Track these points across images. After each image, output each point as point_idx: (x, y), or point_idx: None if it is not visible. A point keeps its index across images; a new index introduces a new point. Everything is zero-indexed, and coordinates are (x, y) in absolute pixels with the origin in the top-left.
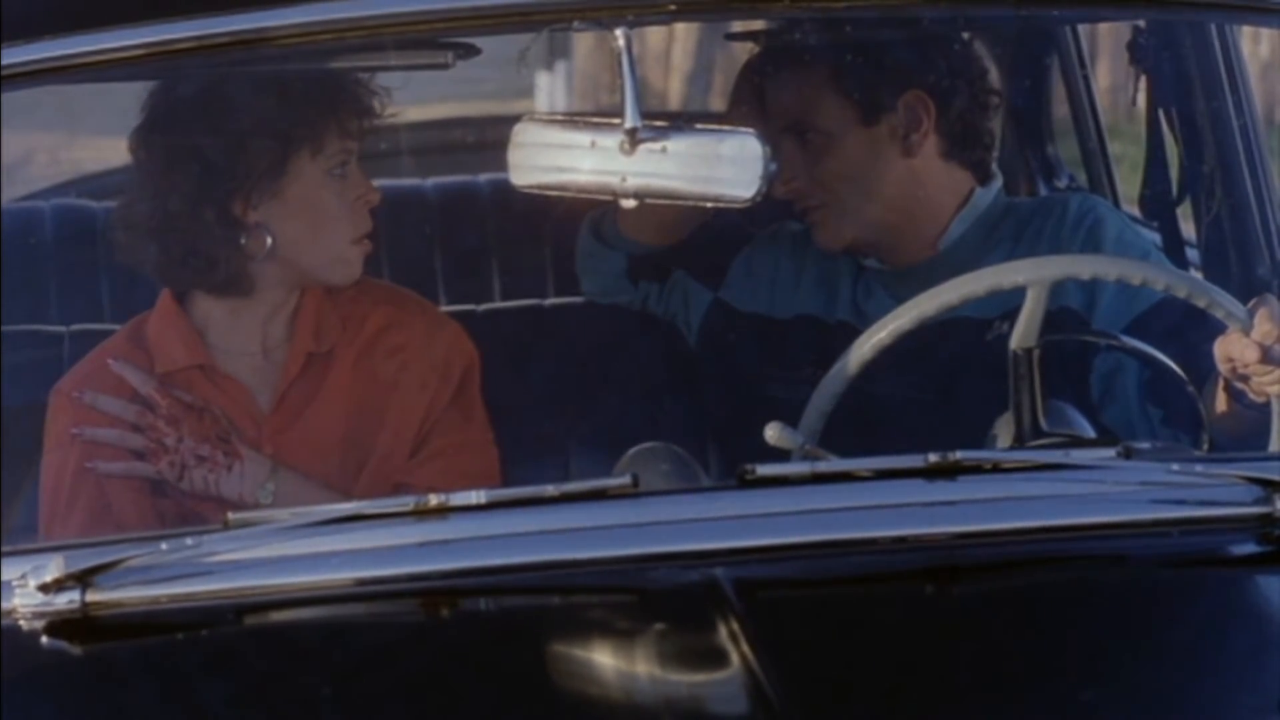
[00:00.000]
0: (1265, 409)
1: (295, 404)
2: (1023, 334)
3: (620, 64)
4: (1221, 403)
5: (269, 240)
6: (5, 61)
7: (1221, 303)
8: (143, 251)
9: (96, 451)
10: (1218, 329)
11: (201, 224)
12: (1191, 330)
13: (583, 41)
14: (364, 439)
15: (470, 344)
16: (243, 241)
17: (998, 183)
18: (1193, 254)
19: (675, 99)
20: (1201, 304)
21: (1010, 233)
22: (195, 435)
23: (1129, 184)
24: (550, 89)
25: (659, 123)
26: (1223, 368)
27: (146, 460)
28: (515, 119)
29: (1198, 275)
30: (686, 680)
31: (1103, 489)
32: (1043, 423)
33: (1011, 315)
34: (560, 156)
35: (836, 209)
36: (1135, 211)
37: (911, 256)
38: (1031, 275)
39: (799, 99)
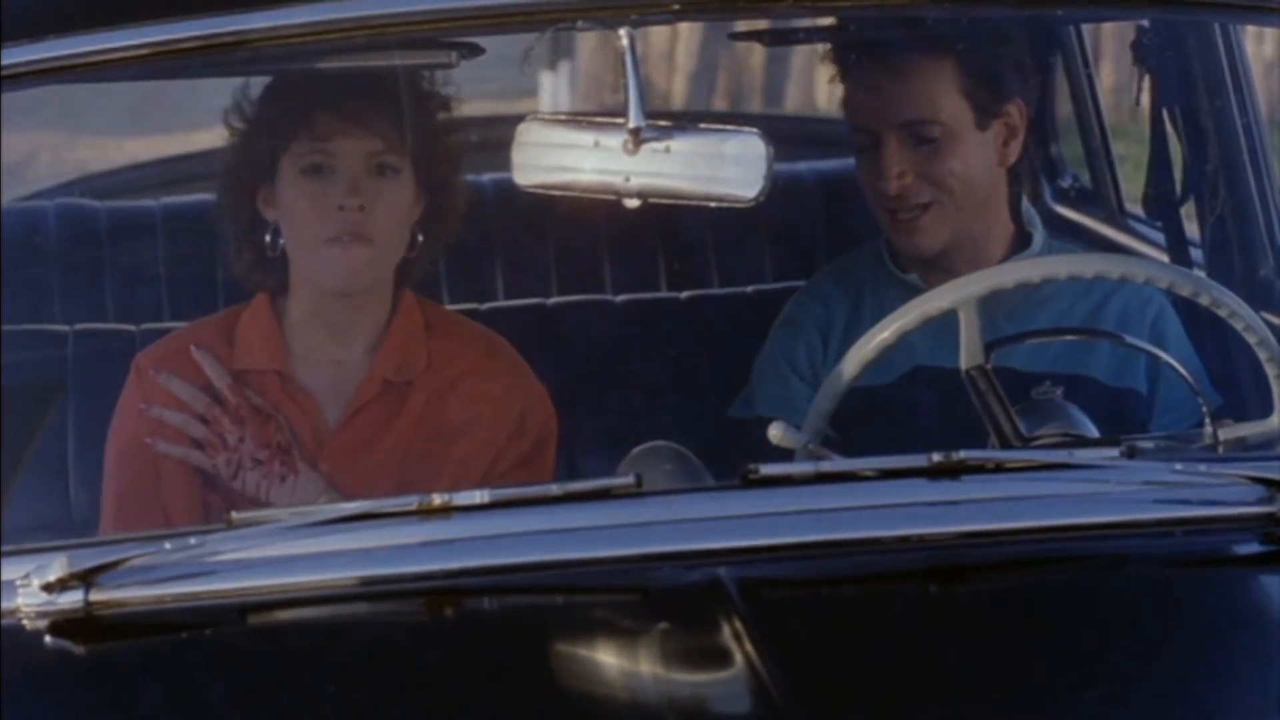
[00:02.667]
0: None
1: (362, 428)
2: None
3: (624, 63)
4: None
5: (279, 238)
6: (6, 61)
7: (1225, 301)
8: (227, 251)
9: (160, 429)
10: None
11: (238, 220)
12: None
13: (586, 41)
14: (422, 478)
15: (552, 410)
16: (266, 238)
17: (1040, 229)
18: (1196, 254)
19: (679, 99)
20: (1205, 302)
21: (1058, 289)
22: (257, 439)
23: (1133, 183)
24: (554, 88)
25: (663, 122)
26: None
27: (205, 451)
28: (519, 118)
29: (1201, 274)
30: (690, 680)
31: (1106, 489)
32: (1022, 429)
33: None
34: (564, 156)
35: (943, 210)
36: (1139, 211)
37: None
38: (1044, 272)
39: (918, 95)
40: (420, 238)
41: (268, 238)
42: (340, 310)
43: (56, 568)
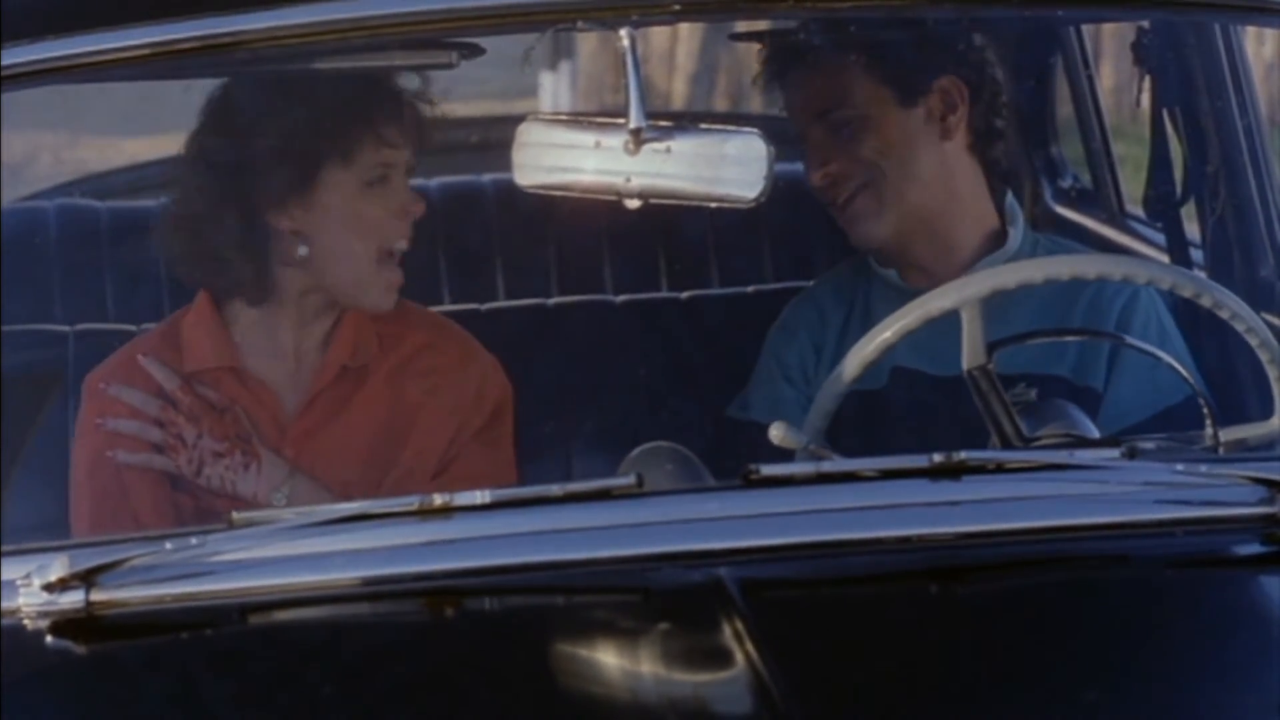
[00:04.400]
0: None
1: (321, 411)
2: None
3: (624, 64)
4: None
5: (302, 249)
6: (6, 61)
7: (1226, 303)
8: (184, 251)
9: (118, 441)
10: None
11: (236, 227)
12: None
13: (587, 42)
14: (386, 455)
15: (506, 379)
16: (276, 248)
17: (1021, 227)
18: (1197, 254)
19: (679, 99)
20: (1206, 304)
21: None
22: (215, 434)
23: (1133, 184)
24: (554, 89)
25: (663, 123)
26: None
27: (165, 454)
28: (519, 119)
29: (1202, 275)
30: (691, 680)
31: (1107, 489)
32: (1023, 429)
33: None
34: (564, 156)
35: (878, 189)
36: (1140, 212)
37: (932, 277)
38: (1047, 273)
39: (829, 85)
40: None
41: (302, 249)
42: (309, 310)
43: (57, 568)
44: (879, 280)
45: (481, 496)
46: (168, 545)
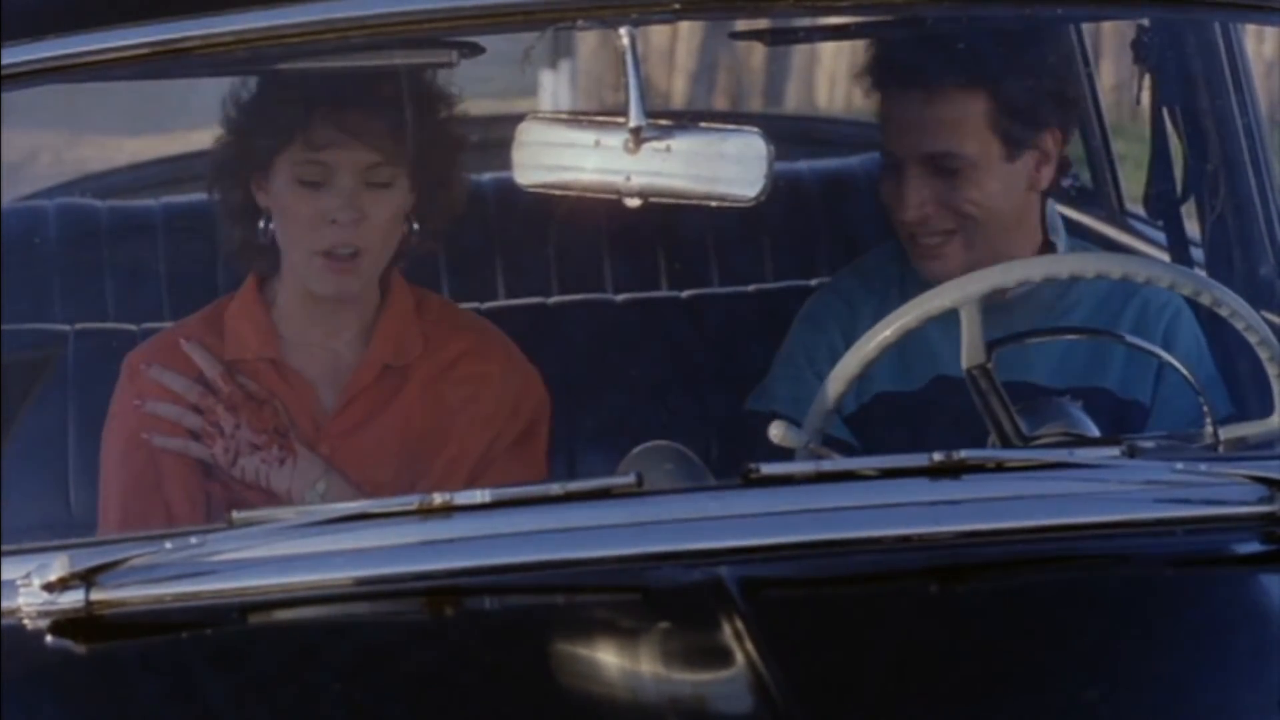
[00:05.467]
0: None
1: (360, 410)
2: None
3: (624, 63)
4: None
5: (270, 224)
6: (6, 61)
7: (1226, 301)
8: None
9: (155, 424)
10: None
11: (231, 200)
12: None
13: (587, 40)
14: (421, 459)
15: (544, 390)
16: (257, 223)
17: (1063, 235)
18: (1197, 253)
19: (679, 98)
20: (1206, 302)
21: (1081, 294)
22: (253, 425)
23: (1133, 183)
24: (554, 88)
25: (663, 121)
26: None
27: (201, 441)
28: (519, 118)
29: (1202, 273)
30: (691, 679)
31: (1107, 488)
32: (1023, 428)
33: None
34: (564, 155)
35: (968, 239)
36: (1140, 210)
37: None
38: (1046, 271)
39: (944, 127)
40: (414, 235)
41: (261, 223)
42: (329, 303)
43: (57, 567)
44: (915, 277)
45: (481, 495)
46: (167, 545)
